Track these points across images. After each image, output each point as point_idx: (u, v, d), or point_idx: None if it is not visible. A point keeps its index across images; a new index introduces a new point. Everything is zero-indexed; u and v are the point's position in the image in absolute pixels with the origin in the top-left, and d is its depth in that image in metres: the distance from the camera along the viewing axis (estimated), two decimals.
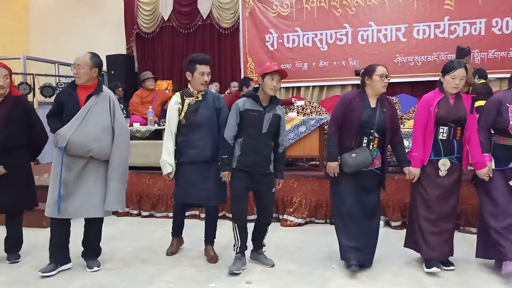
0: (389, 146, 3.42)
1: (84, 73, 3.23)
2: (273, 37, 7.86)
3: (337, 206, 3.37)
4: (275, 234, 4.29)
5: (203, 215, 4.55)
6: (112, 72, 8.33)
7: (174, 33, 8.57)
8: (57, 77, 8.26)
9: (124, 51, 8.77)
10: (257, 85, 3.33)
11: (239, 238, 3.38)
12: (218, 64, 8.27)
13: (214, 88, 7.29)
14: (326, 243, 4.03)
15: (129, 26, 8.78)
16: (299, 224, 4.69)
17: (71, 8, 9.36)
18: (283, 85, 7.86)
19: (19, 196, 3.54)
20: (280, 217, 4.78)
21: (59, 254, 3.37)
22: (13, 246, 3.66)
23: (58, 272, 3.34)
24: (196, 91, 3.44)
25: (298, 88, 7.89)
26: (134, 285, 3.15)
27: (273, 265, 3.45)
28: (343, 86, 7.70)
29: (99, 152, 3.24)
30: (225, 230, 3.81)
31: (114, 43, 8.87)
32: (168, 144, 3.45)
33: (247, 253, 3.51)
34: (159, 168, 3.60)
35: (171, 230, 3.85)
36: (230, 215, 3.69)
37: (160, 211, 5.17)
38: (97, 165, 3.30)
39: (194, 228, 4.17)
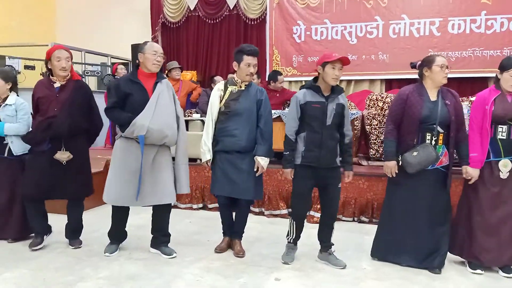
0: None
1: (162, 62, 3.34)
2: (300, 29, 7.74)
3: (389, 209, 3.29)
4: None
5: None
6: (137, 61, 8.32)
7: (199, 23, 8.53)
8: (83, 65, 8.32)
9: (149, 40, 8.75)
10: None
11: (294, 231, 3.37)
12: None
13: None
14: (355, 241, 3.96)
15: (154, 16, 8.78)
16: None
17: None
18: (308, 78, 7.56)
19: (82, 182, 3.60)
20: (307, 213, 4.70)
21: (120, 237, 3.61)
22: (75, 232, 3.72)
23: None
24: (240, 81, 3.41)
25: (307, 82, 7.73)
26: (161, 277, 3.14)
27: (344, 267, 3.31)
28: (371, 81, 7.54)
29: (172, 138, 3.35)
30: (253, 224, 3.76)
31: (139, 32, 8.87)
32: (208, 131, 3.41)
33: (300, 251, 3.45)
34: None
35: (222, 231, 3.71)
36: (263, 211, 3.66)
37: (184, 202, 5.16)
38: (165, 152, 3.39)
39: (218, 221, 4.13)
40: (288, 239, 3.44)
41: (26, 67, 7.02)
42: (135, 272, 3.21)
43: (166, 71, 6.75)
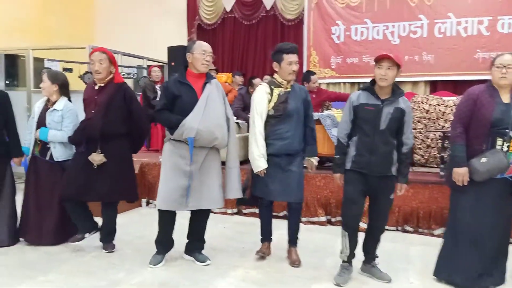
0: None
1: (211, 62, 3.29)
2: (340, 29, 7.55)
3: (453, 222, 3.05)
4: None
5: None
6: (173, 63, 8.34)
7: (236, 24, 8.49)
8: (120, 68, 8.41)
9: (185, 43, 8.79)
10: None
11: (348, 246, 3.12)
12: None
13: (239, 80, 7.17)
14: (400, 253, 3.75)
15: (190, 17, 8.81)
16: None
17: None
18: (347, 80, 7.58)
19: (116, 185, 3.51)
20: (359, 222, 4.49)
21: (167, 245, 3.45)
22: (108, 236, 3.67)
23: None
24: (285, 82, 3.28)
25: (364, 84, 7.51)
26: (195, 285, 3.04)
27: (390, 280, 3.10)
28: (414, 83, 7.24)
29: (222, 140, 3.26)
30: (283, 231, 3.60)
31: (175, 34, 8.91)
32: (259, 137, 3.24)
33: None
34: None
35: (261, 236, 3.53)
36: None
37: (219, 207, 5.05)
38: (215, 154, 3.32)
39: (253, 226, 4.01)
40: (341, 256, 3.17)
41: (64, 69, 7.13)
42: (168, 279, 3.12)
43: None
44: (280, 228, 3.68)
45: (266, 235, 3.53)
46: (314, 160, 3.37)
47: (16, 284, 3.02)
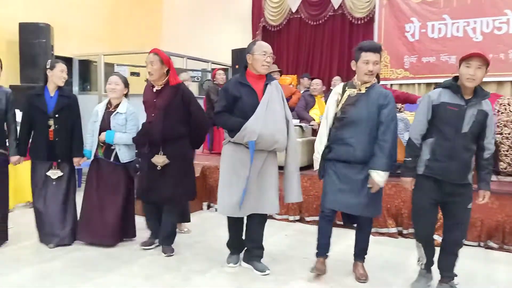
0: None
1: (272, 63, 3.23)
2: (414, 26, 7.15)
3: None
4: (415, 253, 3.76)
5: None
6: (237, 66, 8.40)
7: (301, 25, 8.39)
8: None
9: (258, 40, 8.80)
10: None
11: (424, 255, 2.96)
12: (348, 57, 7.84)
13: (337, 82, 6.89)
14: (482, 272, 3.40)
15: (255, 20, 8.84)
16: None
17: (202, 2, 9.73)
18: (422, 81, 7.16)
19: (179, 187, 3.53)
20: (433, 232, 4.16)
21: (240, 247, 3.44)
22: (167, 239, 3.67)
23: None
24: (360, 83, 3.06)
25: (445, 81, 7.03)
26: None
27: None
28: (500, 83, 6.66)
29: (282, 144, 3.17)
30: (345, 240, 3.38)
31: (240, 37, 8.99)
32: (322, 137, 3.12)
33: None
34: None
35: (316, 250, 3.23)
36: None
37: (280, 213, 4.92)
38: (273, 158, 3.24)
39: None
40: (419, 264, 3.02)
41: (132, 73, 7.42)
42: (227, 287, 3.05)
43: None
44: (340, 236, 3.45)
45: (323, 249, 3.23)
46: (377, 175, 2.90)
47: (79, 283, 3.09)
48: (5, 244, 3.78)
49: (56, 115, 3.73)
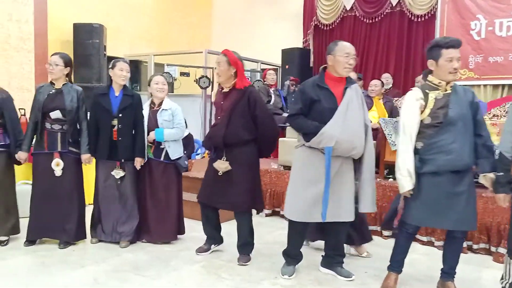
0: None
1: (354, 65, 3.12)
2: (480, 24, 6.69)
3: None
4: (487, 272, 3.45)
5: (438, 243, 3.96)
6: (287, 66, 8.26)
7: (356, 23, 8.09)
8: None
9: (300, 45, 8.65)
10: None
11: (510, 273, 2.72)
12: (406, 56, 7.53)
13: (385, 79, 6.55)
14: None
15: (307, 19, 8.64)
16: None
17: (252, 2, 9.66)
18: (489, 82, 6.69)
19: (241, 195, 3.40)
20: (493, 249, 3.83)
21: (298, 257, 3.32)
22: (241, 247, 3.57)
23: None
24: (443, 82, 2.84)
25: (510, 86, 6.57)
26: None
27: None
28: None
29: (360, 150, 3.09)
30: (419, 256, 3.14)
31: (290, 36, 8.85)
32: (409, 151, 2.82)
33: None
34: None
35: (389, 262, 3.09)
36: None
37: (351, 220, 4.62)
38: (349, 164, 3.09)
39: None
40: (502, 282, 2.79)
41: (182, 74, 7.45)
42: None
43: None
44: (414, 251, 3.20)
45: (398, 264, 3.04)
46: (490, 178, 2.73)
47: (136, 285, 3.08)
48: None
49: (120, 115, 3.76)
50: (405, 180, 2.78)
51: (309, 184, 3.04)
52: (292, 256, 3.30)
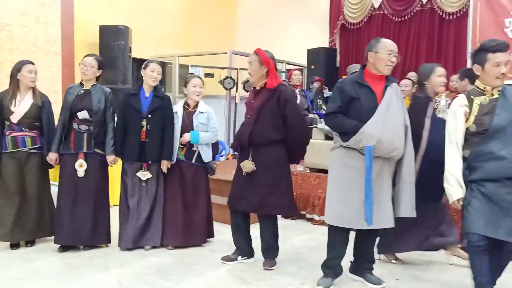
0: None
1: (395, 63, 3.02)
2: None
3: None
4: None
5: None
6: (312, 66, 8.18)
7: (384, 21, 7.96)
8: None
9: (326, 45, 8.56)
10: None
11: None
12: (437, 55, 7.34)
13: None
14: None
15: (333, 18, 8.57)
16: None
17: (277, 2, 9.60)
18: None
19: (266, 197, 3.31)
20: None
21: (338, 269, 3.17)
22: (265, 251, 3.49)
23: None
24: (488, 88, 2.73)
25: None
26: None
27: None
28: None
29: (400, 151, 2.93)
30: None
31: (316, 36, 8.77)
32: (456, 159, 2.71)
33: None
34: None
35: (475, 283, 2.69)
36: None
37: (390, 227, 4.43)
38: (388, 167, 3.00)
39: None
40: None
41: (206, 75, 7.45)
42: None
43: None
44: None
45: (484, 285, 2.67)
46: None
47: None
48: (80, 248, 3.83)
49: (149, 116, 3.76)
50: (453, 189, 2.68)
51: (350, 187, 2.94)
52: (331, 266, 3.13)
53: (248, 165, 3.31)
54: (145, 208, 3.83)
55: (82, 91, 3.77)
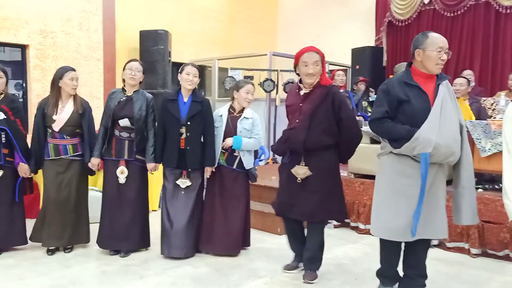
0: None
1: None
2: None
3: None
4: None
5: None
6: (357, 66, 7.95)
7: (435, 17, 7.64)
8: None
9: (371, 43, 8.30)
10: None
11: None
12: (493, 52, 6.97)
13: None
14: None
15: (380, 15, 8.33)
16: None
17: (320, 1, 9.43)
18: None
19: (322, 204, 3.19)
20: None
21: (394, 278, 3.04)
22: (308, 261, 3.34)
23: None
24: None
25: None
26: None
27: None
28: None
29: (458, 155, 2.75)
30: None
31: (361, 35, 8.54)
32: (507, 173, 2.41)
33: None
34: None
35: None
36: None
37: (453, 240, 4.03)
38: (443, 172, 2.83)
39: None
40: None
41: (246, 77, 7.39)
42: None
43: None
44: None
45: None
46: None
47: None
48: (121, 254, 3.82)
49: (188, 123, 3.69)
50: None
51: (401, 197, 2.76)
52: (387, 276, 3.02)
53: (302, 171, 3.17)
54: (183, 216, 3.76)
55: (124, 98, 3.79)
